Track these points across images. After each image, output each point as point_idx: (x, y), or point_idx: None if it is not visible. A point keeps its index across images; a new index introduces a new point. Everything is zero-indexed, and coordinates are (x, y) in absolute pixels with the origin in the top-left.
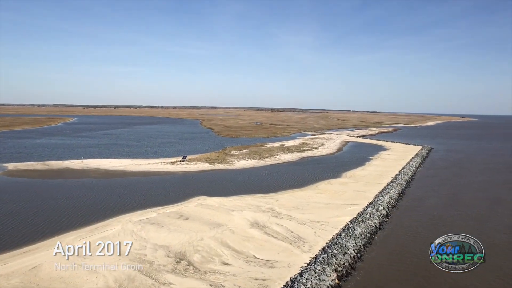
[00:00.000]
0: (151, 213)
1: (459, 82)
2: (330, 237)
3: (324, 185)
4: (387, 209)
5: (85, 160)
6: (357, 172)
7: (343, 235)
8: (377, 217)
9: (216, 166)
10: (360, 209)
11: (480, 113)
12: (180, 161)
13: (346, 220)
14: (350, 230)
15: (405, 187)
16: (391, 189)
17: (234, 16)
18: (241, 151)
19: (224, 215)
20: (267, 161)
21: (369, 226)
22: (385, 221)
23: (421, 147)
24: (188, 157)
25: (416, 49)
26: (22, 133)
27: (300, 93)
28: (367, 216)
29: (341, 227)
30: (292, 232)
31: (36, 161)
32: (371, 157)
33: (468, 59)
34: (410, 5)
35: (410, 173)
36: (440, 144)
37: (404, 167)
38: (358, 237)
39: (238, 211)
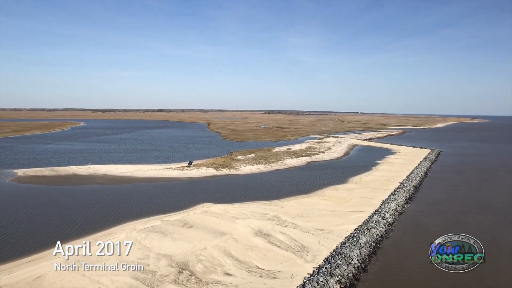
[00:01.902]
0: (156, 221)
1: (468, 83)
2: (334, 246)
3: (330, 191)
4: (393, 217)
5: (92, 166)
6: (364, 177)
7: (347, 244)
8: (382, 225)
9: (222, 171)
10: (365, 216)
11: (491, 114)
12: (186, 166)
13: (351, 228)
14: (354, 239)
15: (413, 193)
16: (398, 196)
17: (239, 19)
18: (247, 156)
19: (228, 223)
20: (273, 166)
21: (375, 235)
22: (391, 229)
23: (429, 150)
24: (194, 162)
25: (423, 50)
26: (33, 138)
27: (307, 95)
28: (373, 224)
29: (346, 235)
30: (296, 241)
31: (44, 167)
32: (378, 162)
33: (476, 59)
34: (415, 6)
35: (418, 178)
36: (449, 147)
37: (412, 171)
38: (362, 247)
39: (242, 219)
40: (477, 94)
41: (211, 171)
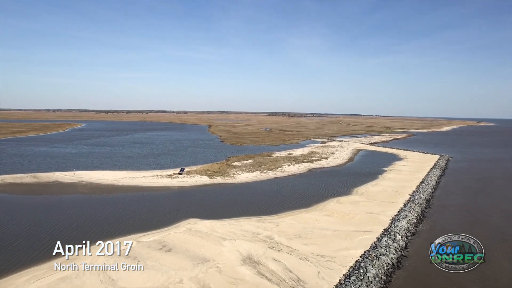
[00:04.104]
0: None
1: (474, 85)
2: (337, 281)
3: (332, 204)
4: (405, 239)
5: (77, 172)
6: (370, 187)
7: (352, 278)
8: (394, 251)
9: (216, 180)
10: (373, 238)
11: (497, 117)
12: (178, 173)
13: (356, 254)
14: (361, 271)
15: (425, 208)
16: (409, 211)
17: (243, 21)
18: (245, 162)
19: (214, 246)
20: (271, 174)
21: (385, 265)
22: (404, 255)
23: (438, 156)
24: (187, 169)
25: (428, 52)
26: (27, 140)
27: (311, 97)
28: (382, 250)
29: (351, 264)
30: (290, 271)
31: (26, 173)
32: (385, 169)
33: (482, 61)
34: (419, 8)
35: (429, 189)
36: (458, 153)
37: (422, 181)
38: (371, 282)
39: (230, 240)
40: (482, 97)
41: (203, 179)
